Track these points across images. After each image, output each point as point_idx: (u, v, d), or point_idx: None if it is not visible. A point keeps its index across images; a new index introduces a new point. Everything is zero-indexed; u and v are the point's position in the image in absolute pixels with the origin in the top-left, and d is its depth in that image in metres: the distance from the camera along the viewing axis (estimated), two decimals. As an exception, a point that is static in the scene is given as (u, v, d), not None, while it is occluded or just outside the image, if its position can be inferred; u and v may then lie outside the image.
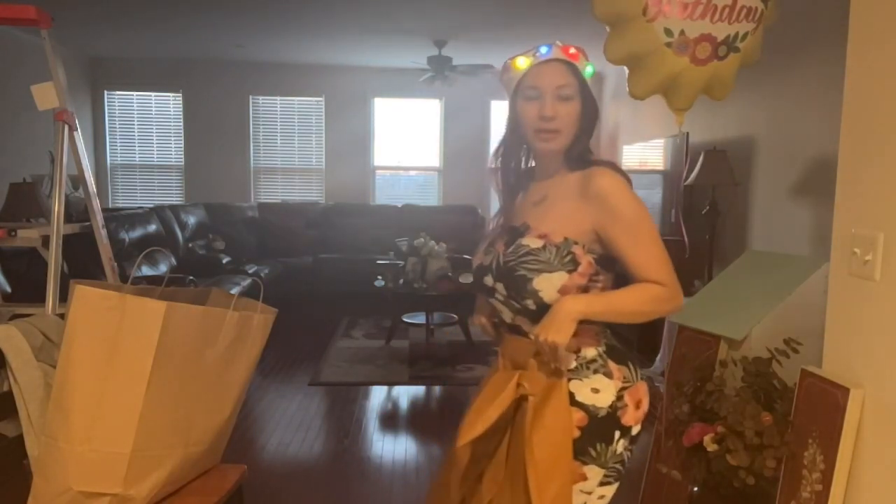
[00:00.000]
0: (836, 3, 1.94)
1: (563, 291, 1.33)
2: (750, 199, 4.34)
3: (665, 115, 2.36)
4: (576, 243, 1.34)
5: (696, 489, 2.10)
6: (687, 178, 4.38)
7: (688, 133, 4.35)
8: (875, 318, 1.50)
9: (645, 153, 5.95)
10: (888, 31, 1.47)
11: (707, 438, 1.88)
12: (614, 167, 1.38)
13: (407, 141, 7.90)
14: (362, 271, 6.11)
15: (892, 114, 1.45)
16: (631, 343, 5.26)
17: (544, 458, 1.30)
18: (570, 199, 1.37)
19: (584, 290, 1.35)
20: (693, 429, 1.95)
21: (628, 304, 1.32)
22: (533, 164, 1.50)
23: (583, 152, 1.41)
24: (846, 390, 1.54)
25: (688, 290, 4.20)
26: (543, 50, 1.37)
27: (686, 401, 2.04)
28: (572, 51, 1.37)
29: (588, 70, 1.39)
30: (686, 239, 2.55)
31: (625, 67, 2.14)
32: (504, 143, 1.47)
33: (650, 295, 1.31)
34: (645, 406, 1.40)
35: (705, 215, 4.45)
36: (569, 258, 1.33)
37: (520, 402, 1.37)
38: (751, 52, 2.07)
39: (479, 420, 1.34)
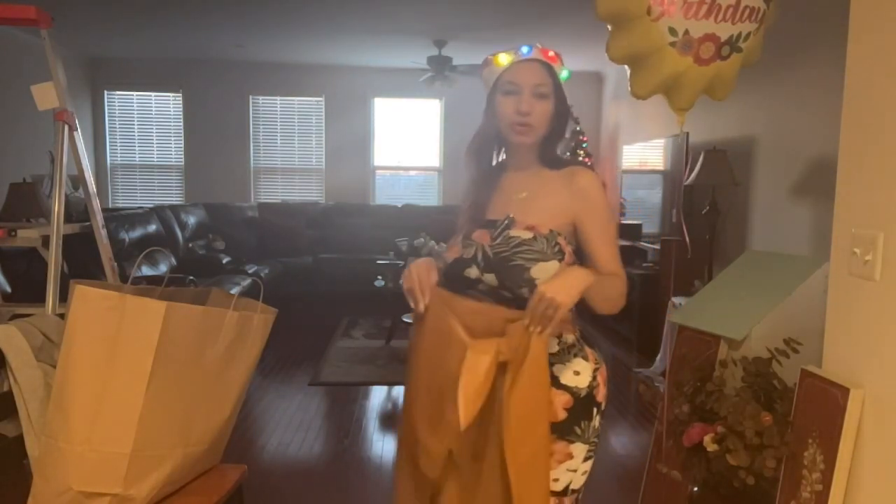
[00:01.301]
0: (836, 4, 1.94)
1: None
2: (750, 199, 4.34)
3: (665, 115, 2.36)
4: (559, 234, 1.42)
5: (696, 489, 2.10)
6: (687, 178, 4.38)
7: (688, 133, 4.35)
8: (875, 318, 1.50)
9: (645, 153, 5.96)
10: (888, 32, 1.47)
11: (707, 438, 1.88)
12: (591, 168, 1.52)
13: (407, 141, 7.90)
14: (362, 271, 6.11)
15: (892, 114, 1.45)
16: (631, 343, 5.26)
17: (520, 418, 1.29)
18: (553, 195, 1.45)
19: None
20: (693, 429, 1.95)
21: (610, 289, 1.41)
22: (504, 157, 1.58)
23: (556, 152, 1.52)
24: (846, 390, 1.54)
25: (688, 290, 4.23)
26: (525, 49, 1.45)
27: (686, 401, 2.04)
28: (551, 54, 1.46)
29: (563, 74, 1.48)
30: (687, 239, 2.55)
31: (626, 67, 2.14)
32: (479, 135, 1.55)
33: (620, 287, 1.42)
34: (607, 383, 1.52)
35: (705, 215, 4.45)
36: (557, 248, 1.41)
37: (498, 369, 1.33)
38: (752, 53, 2.06)
39: (474, 400, 1.30)
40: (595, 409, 1.45)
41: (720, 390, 1.98)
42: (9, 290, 3.34)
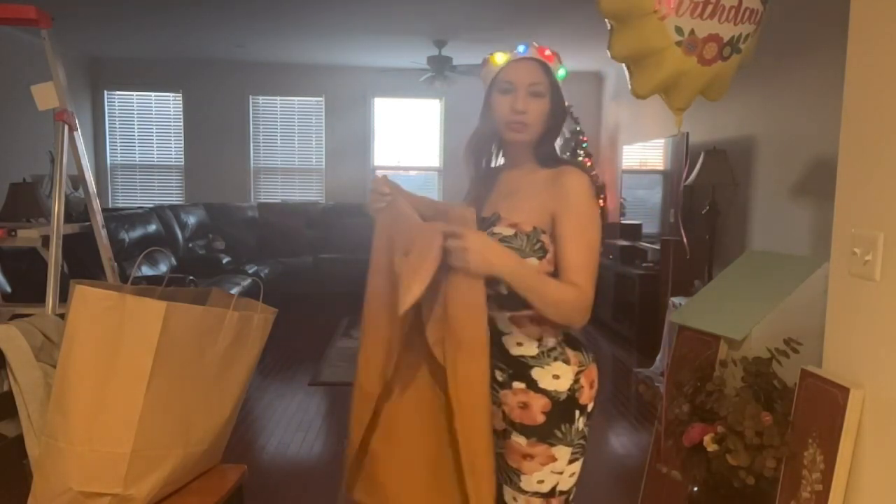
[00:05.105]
0: (836, 4, 1.94)
1: None
2: (750, 199, 4.34)
3: (665, 115, 2.36)
4: (543, 232, 1.42)
5: (696, 489, 2.10)
6: (687, 178, 4.38)
7: (688, 133, 4.35)
8: (875, 318, 1.50)
9: (645, 153, 5.95)
10: (888, 32, 1.47)
11: (707, 438, 1.88)
12: (585, 169, 1.49)
13: (407, 141, 7.90)
14: (362, 271, 6.06)
15: (892, 114, 1.45)
16: (631, 343, 5.26)
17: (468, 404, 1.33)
18: (539, 193, 1.45)
19: (551, 276, 1.40)
20: (693, 429, 1.95)
21: (550, 293, 1.35)
22: (502, 160, 1.59)
23: (552, 151, 1.51)
24: (846, 390, 1.54)
25: (688, 290, 4.23)
26: (521, 49, 1.47)
27: (686, 401, 2.04)
28: (548, 52, 1.47)
29: (560, 73, 1.48)
30: (685, 239, 2.55)
31: (624, 66, 2.13)
32: (477, 134, 1.57)
33: (564, 294, 1.35)
34: (596, 385, 1.50)
35: (705, 215, 4.46)
36: (538, 245, 1.41)
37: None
38: (749, 54, 2.07)
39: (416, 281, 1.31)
40: (577, 412, 1.45)
41: (720, 390, 1.98)
42: (9, 290, 3.34)
